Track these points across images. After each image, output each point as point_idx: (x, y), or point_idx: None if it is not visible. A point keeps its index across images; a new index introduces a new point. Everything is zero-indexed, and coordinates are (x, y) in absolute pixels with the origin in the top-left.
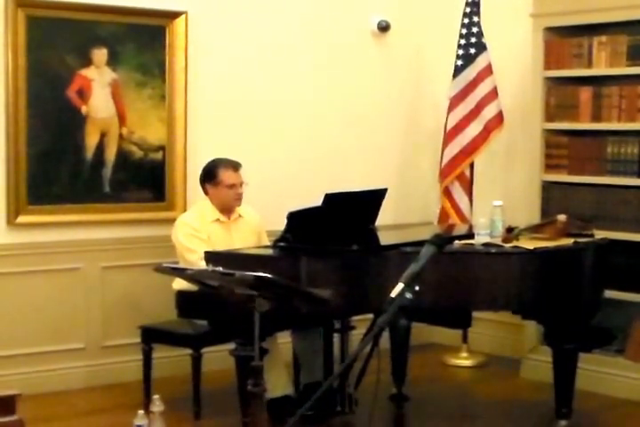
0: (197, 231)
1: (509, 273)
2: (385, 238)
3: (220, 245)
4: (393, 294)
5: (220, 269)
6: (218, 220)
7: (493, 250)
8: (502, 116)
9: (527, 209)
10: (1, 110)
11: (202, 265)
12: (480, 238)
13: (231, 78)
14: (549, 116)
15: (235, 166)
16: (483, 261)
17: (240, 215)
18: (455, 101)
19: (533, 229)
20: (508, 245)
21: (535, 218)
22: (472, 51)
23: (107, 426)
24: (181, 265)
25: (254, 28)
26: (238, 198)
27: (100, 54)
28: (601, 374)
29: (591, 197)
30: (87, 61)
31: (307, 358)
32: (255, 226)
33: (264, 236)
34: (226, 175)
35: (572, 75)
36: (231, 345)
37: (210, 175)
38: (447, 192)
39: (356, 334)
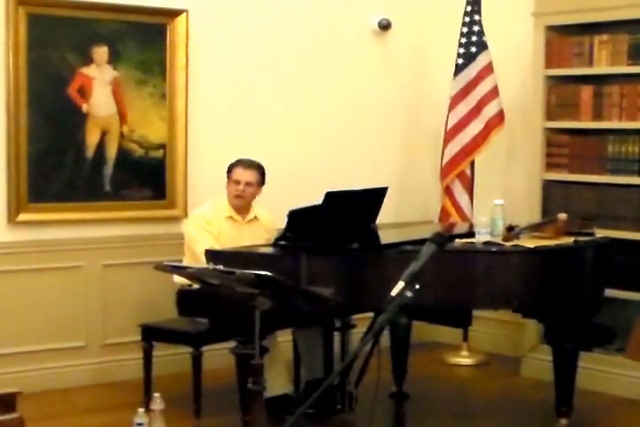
0: (209, 225)
1: (510, 272)
2: (385, 237)
3: (228, 243)
4: (393, 293)
5: (221, 267)
6: (231, 217)
7: (494, 249)
8: (503, 115)
9: (528, 208)
10: (2, 108)
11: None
12: (481, 237)
13: (232, 77)
14: (550, 115)
15: (245, 165)
16: (483, 260)
17: (256, 217)
18: (456, 100)
19: (534, 228)
20: (508, 244)
21: (536, 217)
22: (473, 49)
23: (107, 424)
24: (183, 263)
25: (255, 26)
26: (238, 195)
27: (101, 52)
28: (601, 372)
29: (592, 196)
30: (88, 59)
31: (307, 356)
32: (268, 227)
33: (272, 237)
34: (235, 171)
35: (573, 73)
36: (231, 343)
37: (228, 170)
38: (448, 191)
39: (357, 333)
